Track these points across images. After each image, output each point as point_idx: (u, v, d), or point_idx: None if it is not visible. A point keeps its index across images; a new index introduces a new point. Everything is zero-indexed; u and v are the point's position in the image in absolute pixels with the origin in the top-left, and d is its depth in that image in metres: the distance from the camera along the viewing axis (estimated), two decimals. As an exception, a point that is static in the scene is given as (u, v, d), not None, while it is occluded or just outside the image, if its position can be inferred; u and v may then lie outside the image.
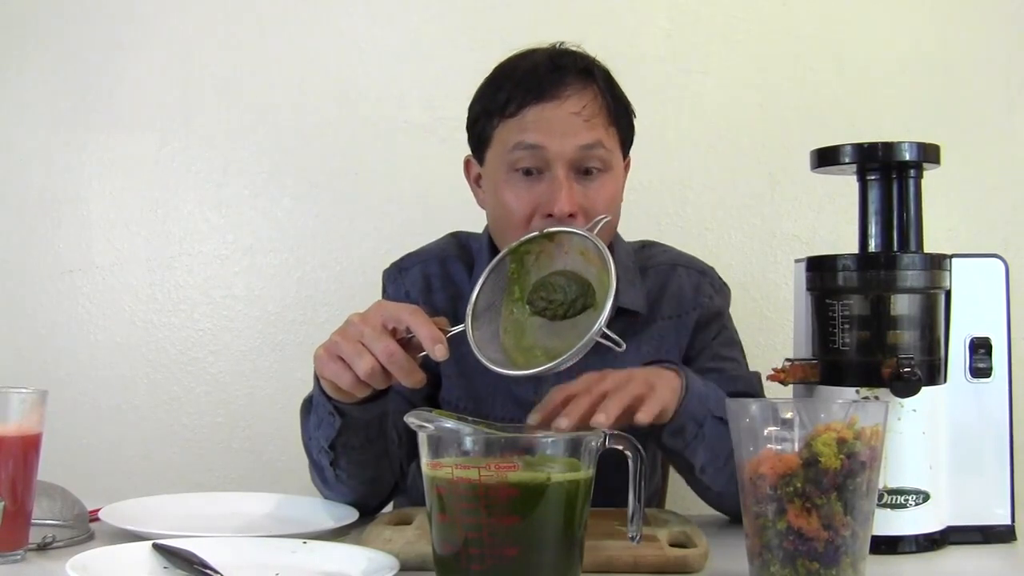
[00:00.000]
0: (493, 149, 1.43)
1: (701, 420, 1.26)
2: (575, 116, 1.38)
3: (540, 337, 1.18)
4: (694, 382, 1.27)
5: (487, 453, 0.94)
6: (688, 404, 1.24)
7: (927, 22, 2.10)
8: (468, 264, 1.53)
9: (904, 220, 1.28)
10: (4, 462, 1.11)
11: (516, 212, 1.39)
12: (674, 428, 1.25)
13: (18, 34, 2.18)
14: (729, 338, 1.55)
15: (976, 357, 1.27)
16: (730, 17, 2.11)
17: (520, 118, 1.39)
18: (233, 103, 2.16)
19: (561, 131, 1.37)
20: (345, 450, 1.29)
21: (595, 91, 1.40)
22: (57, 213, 2.18)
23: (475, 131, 1.47)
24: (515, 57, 1.45)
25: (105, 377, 2.15)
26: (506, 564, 0.93)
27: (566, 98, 1.38)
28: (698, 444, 1.27)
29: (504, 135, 1.41)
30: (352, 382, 1.15)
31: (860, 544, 0.96)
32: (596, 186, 1.39)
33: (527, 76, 1.40)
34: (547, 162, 1.38)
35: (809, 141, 1.36)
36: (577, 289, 1.18)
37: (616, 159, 1.43)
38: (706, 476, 1.31)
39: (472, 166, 1.51)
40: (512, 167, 1.40)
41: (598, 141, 1.39)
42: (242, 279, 2.16)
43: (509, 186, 1.41)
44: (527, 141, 1.38)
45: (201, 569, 1.02)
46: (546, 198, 1.37)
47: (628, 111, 1.46)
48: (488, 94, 1.44)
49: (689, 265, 1.56)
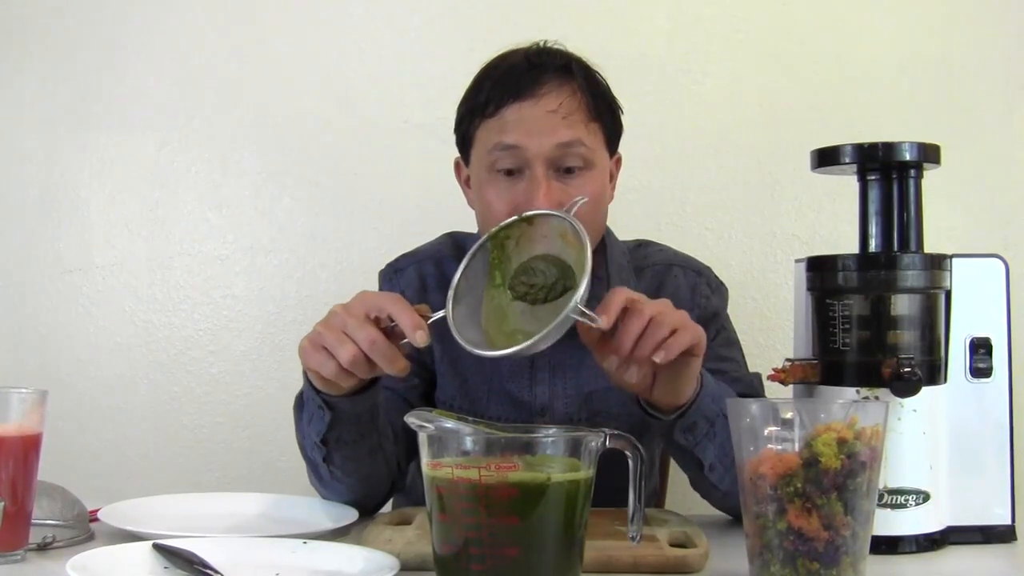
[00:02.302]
0: (476, 149, 1.44)
1: (713, 418, 1.26)
2: (552, 114, 1.38)
3: (522, 322, 1.19)
4: (708, 380, 1.27)
5: (487, 453, 0.94)
6: (702, 401, 1.24)
7: (927, 22, 2.10)
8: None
9: (904, 220, 1.28)
10: (4, 462, 1.11)
11: (497, 212, 1.39)
12: (686, 424, 1.25)
13: (18, 34, 2.18)
14: (728, 338, 1.55)
15: (976, 357, 1.27)
16: (730, 17, 2.11)
17: (499, 118, 1.39)
18: (233, 103, 2.16)
19: (539, 130, 1.37)
20: (338, 445, 1.30)
21: (573, 88, 1.40)
22: (57, 213, 2.18)
23: (460, 132, 1.47)
24: (496, 58, 1.45)
25: (105, 377, 2.15)
26: (506, 564, 0.93)
27: (542, 96, 1.38)
28: (708, 442, 1.27)
29: (484, 136, 1.41)
30: (336, 371, 1.17)
31: (860, 544, 0.96)
32: (578, 184, 1.39)
33: (505, 76, 1.41)
34: (526, 161, 1.38)
35: (809, 141, 1.36)
36: (557, 272, 1.19)
37: (599, 156, 1.42)
38: (714, 475, 1.31)
39: (461, 168, 1.51)
40: (492, 167, 1.40)
41: (577, 139, 1.38)
42: (242, 279, 2.16)
43: (491, 186, 1.41)
44: (505, 141, 1.38)
45: (201, 569, 1.02)
46: (525, 197, 1.37)
47: (612, 107, 1.45)
48: (470, 95, 1.44)
49: (685, 265, 1.56)
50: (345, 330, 1.16)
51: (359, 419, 1.28)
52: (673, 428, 1.26)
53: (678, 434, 1.26)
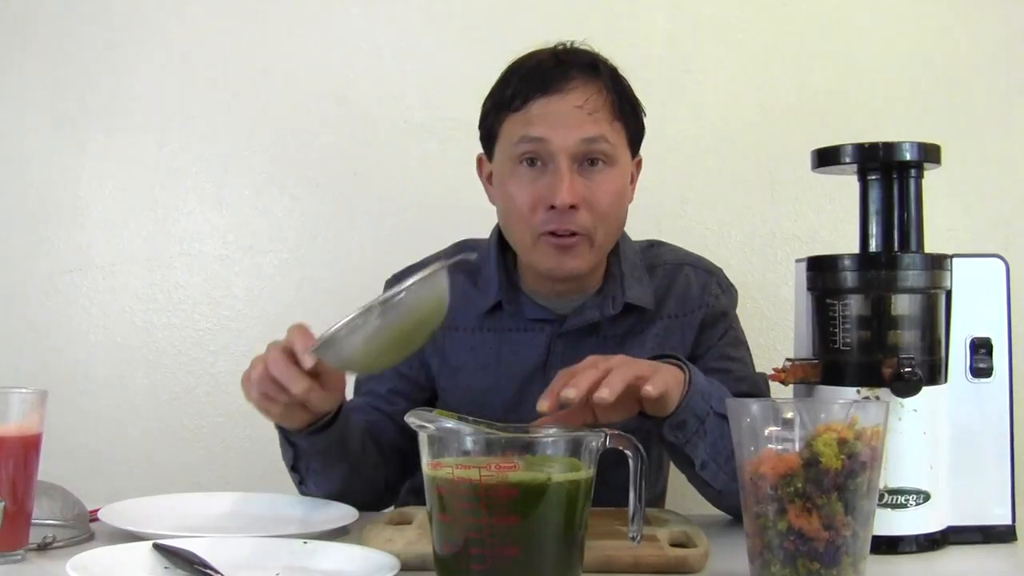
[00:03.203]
0: (500, 143, 1.45)
1: (703, 416, 1.26)
2: (578, 109, 1.39)
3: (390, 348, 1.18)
4: (697, 377, 1.27)
5: (487, 453, 0.94)
6: (691, 399, 1.24)
7: (927, 22, 2.10)
8: (470, 272, 1.53)
9: (904, 220, 1.28)
10: (4, 462, 1.11)
11: (520, 204, 1.41)
12: (675, 422, 1.25)
13: (18, 34, 2.18)
14: (735, 338, 1.55)
15: (976, 357, 1.27)
16: (730, 17, 2.11)
17: (525, 112, 1.41)
18: (233, 103, 2.16)
19: (564, 123, 1.39)
20: (308, 472, 1.37)
21: (600, 86, 1.42)
22: (57, 213, 2.18)
23: (484, 127, 1.49)
24: (523, 56, 1.47)
25: (105, 377, 2.15)
26: (506, 564, 0.93)
27: (570, 91, 1.40)
28: (699, 440, 1.27)
29: (510, 129, 1.43)
30: (258, 398, 1.23)
31: (861, 544, 0.96)
32: (600, 179, 1.41)
33: (532, 71, 1.43)
34: (550, 154, 1.39)
35: (809, 141, 1.36)
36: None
37: (621, 154, 1.44)
38: (706, 472, 1.31)
39: (484, 164, 1.52)
40: (517, 160, 1.42)
41: (601, 135, 1.40)
42: (242, 279, 2.16)
43: (514, 178, 1.42)
44: (531, 134, 1.40)
45: (201, 569, 1.02)
46: (548, 190, 1.39)
47: (636, 109, 1.47)
48: (496, 90, 1.46)
49: (697, 265, 1.57)
50: (261, 356, 1.22)
51: (324, 453, 1.33)
52: (663, 425, 1.26)
53: (667, 431, 1.27)
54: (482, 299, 1.51)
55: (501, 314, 1.51)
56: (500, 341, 1.51)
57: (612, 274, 1.50)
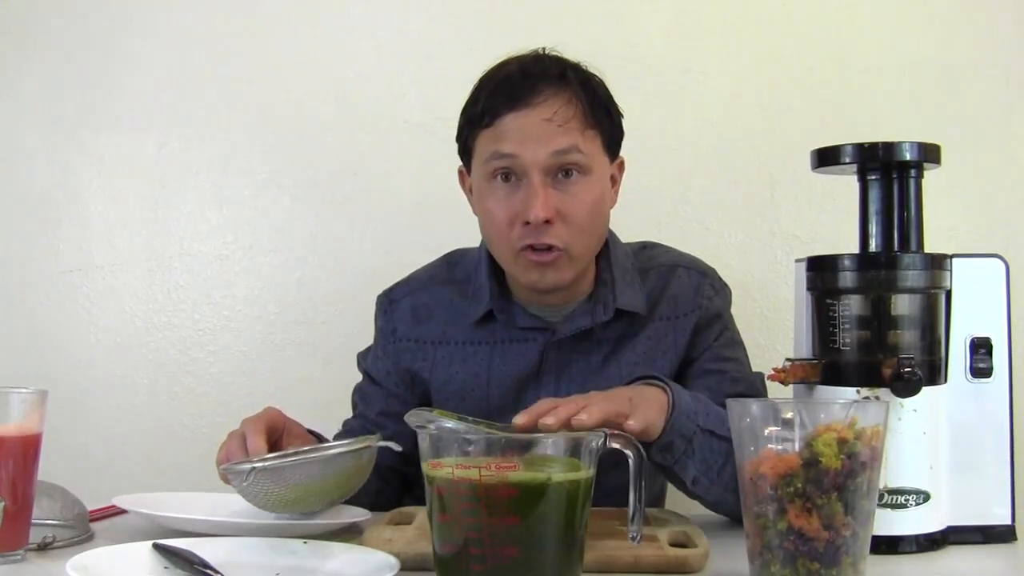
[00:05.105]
0: (475, 159, 1.45)
1: (689, 435, 1.25)
2: (547, 122, 1.38)
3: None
4: (682, 398, 1.26)
5: (487, 453, 0.94)
6: (675, 420, 1.23)
7: (927, 22, 2.10)
8: (459, 284, 1.54)
9: (904, 220, 1.28)
10: (4, 462, 1.11)
11: (498, 220, 1.41)
12: (662, 445, 1.24)
13: (18, 34, 2.18)
14: (731, 339, 1.55)
15: (976, 357, 1.27)
16: (730, 17, 2.11)
17: (495, 128, 1.40)
18: (233, 103, 2.16)
19: (534, 138, 1.38)
20: None
21: (569, 95, 1.40)
22: (57, 213, 2.18)
23: (460, 142, 1.48)
24: (493, 68, 1.45)
25: (105, 377, 2.15)
26: (506, 564, 0.93)
27: (537, 105, 1.38)
28: (687, 459, 1.27)
29: (482, 145, 1.42)
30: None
31: (861, 544, 0.96)
32: (575, 190, 1.40)
33: (500, 86, 1.41)
34: (523, 169, 1.38)
35: (809, 141, 1.36)
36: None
37: (597, 162, 1.42)
38: (699, 488, 1.31)
39: (464, 176, 1.52)
40: (492, 176, 1.41)
41: (573, 146, 1.38)
42: (242, 279, 2.16)
43: (491, 194, 1.42)
44: (502, 150, 1.39)
45: (201, 569, 1.02)
46: (523, 205, 1.38)
47: (611, 112, 1.45)
48: (468, 106, 1.45)
49: (690, 266, 1.56)
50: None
51: None
52: (650, 449, 1.24)
53: (656, 454, 1.25)
54: (473, 308, 1.50)
55: (493, 324, 1.50)
56: (492, 352, 1.50)
57: (603, 279, 1.49)
